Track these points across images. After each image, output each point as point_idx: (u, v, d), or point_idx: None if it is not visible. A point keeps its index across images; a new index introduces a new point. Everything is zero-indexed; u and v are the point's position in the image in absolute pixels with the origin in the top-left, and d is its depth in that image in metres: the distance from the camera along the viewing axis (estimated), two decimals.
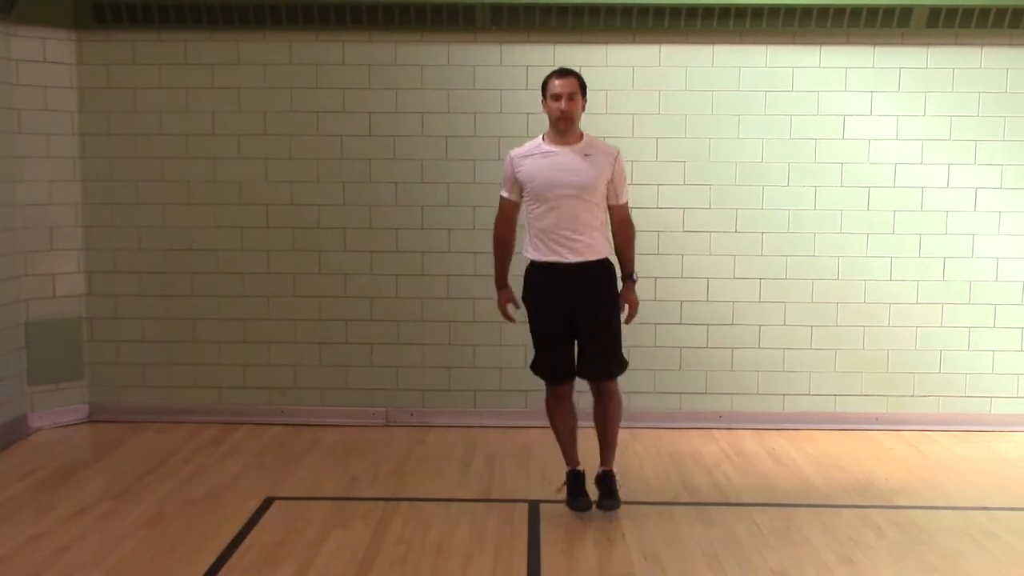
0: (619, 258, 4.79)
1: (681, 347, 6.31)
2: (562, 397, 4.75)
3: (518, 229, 4.75)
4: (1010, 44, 6.10)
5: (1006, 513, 4.81)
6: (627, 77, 6.17)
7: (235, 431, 6.15)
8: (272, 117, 6.24)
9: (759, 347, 6.30)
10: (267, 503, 4.86)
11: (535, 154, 4.60)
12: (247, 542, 4.37)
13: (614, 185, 4.64)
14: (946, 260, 6.24)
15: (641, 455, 5.73)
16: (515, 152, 4.67)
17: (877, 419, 6.31)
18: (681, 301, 6.29)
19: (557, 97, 4.51)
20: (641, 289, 6.15)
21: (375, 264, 6.30)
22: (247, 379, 6.38)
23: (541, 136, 4.68)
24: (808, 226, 6.23)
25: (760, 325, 6.29)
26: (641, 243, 6.14)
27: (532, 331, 4.73)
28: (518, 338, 5.60)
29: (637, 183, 6.17)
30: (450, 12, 6.03)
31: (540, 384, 4.79)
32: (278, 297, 6.33)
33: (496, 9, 6.01)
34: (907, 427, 6.26)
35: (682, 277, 6.27)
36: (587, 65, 6.11)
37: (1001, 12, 5.94)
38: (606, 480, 4.74)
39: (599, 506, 4.68)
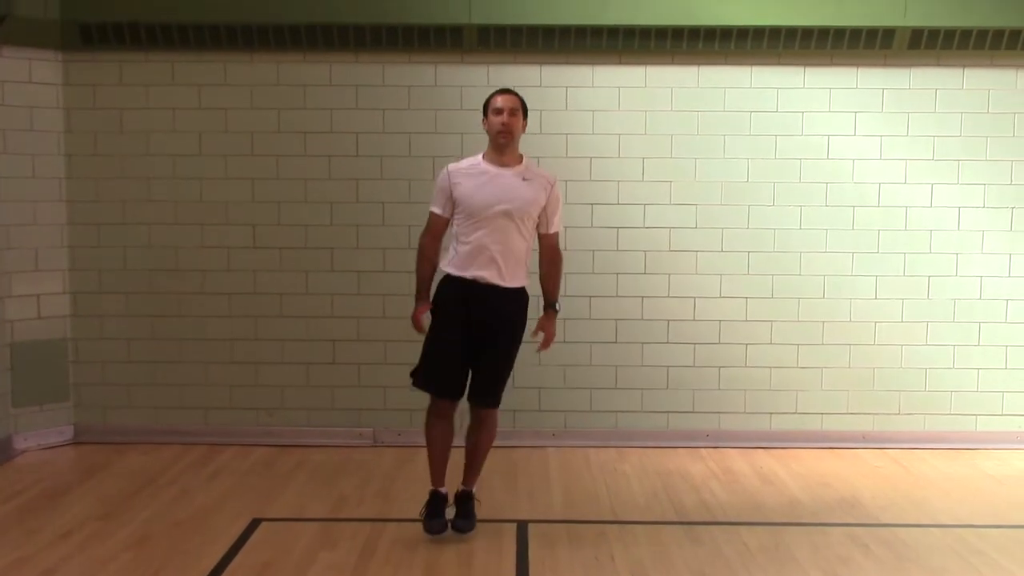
0: (544, 287, 4.72)
1: (668, 366, 6.33)
2: (444, 414, 4.66)
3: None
4: (991, 65, 6.17)
5: (993, 530, 4.83)
6: (613, 98, 6.21)
7: (222, 452, 6.12)
8: (259, 137, 6.25)
9: (746, 366, 6.33)
10: (254, 524, 4.84)
11: (473, 172, 4.56)
12: (234, 564, 4.34)
13: (547, 213, 4.60)
14: (930, 279, 6.28)
15: (629, 474, 5.73)
16: (452, 167, 4.62)
17: (863, 437, 6.33)
18: (668, 320, 6.30)
19: (499, 111, 4.50)
20: (629, 308, 6.26)
21: (362, 284, 6.30)
22: (234, 400, 6.36)
23: (480, 155, 4.63)
24: (793, 245, 6.27)
25: (747, 344, 6.32)
26: (628, 263, 6.23)
27: (430, 341, 4.61)
28: None
29: (624, 203, 6.23)
30: (437, 33, 6.07)
31: (530, 404, 4.79)
32: (265, 317, 6.32)
33: (483, 30, 6.04)
34: (893, 445, 6.29)
35: (669, 296, 6.29)
36: (573, 86, 6.19)
37: (982, 34, 6.01)
38: (465, 501, 4.70)
39: (454, 526, 4.61)
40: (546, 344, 4.76)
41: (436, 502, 4.70)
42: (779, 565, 4.37)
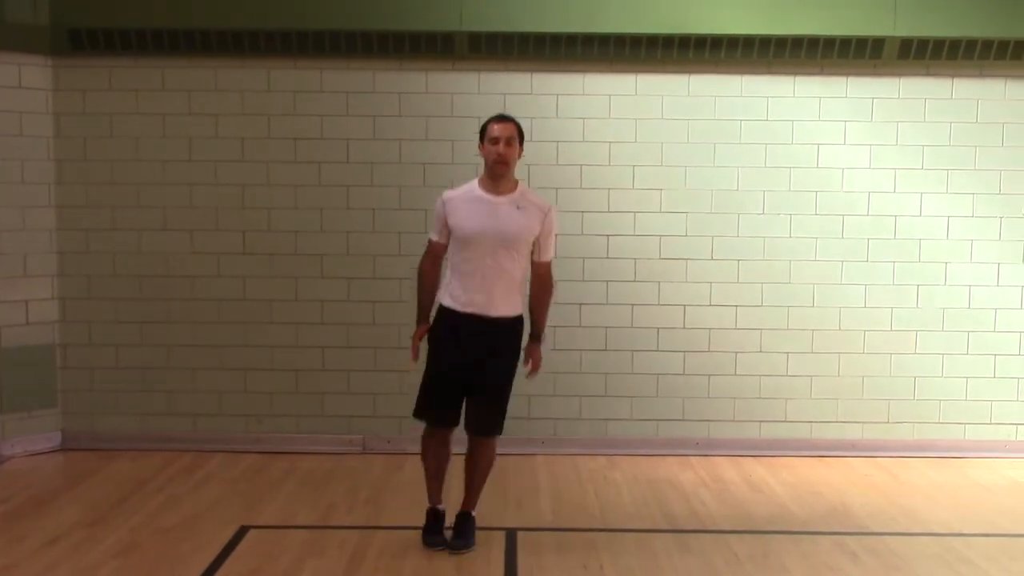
0: (532, 315, 4.70)
1: (658, 374, 6.33)
2: (441, 440, 4.68)
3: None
4: (980, 76, 6.20)
5: (981, 539, 4.84)
6: (604, 105, 6.22)
7: (210, 459, 6.09)
8: (249, 143, 6.24)
9: (735, 374, 6.33)
10: (242, 531, 4.82)
11: (468, 199, 4.53)
12: (222, 571, 4.32)
13: (540, 241, 4.57)
14: (919, 287, 6.30)
15: (619, 482, 5.73)
16: (448, 194, 4.60)
17: (853, 445, 6.33)
18: (658, 328, 6.31)
19: (495, 140, 4.46)
20: (619, 316, 6.26)
21: (352, 291, 6.29)
22: (223, 406, 6.33)
23: (476, 180, 4.61)
24: (783, 253, 6.28)
25: (736, 352, 6.32)
26: (618, 270, 6.23)
27: (426, 373, 4.63)
28: None
29: (614, 211, 6.23)
30: (428, 40, 6.07)
31: (519, 411, 4.78)
32: (255, 324, 6.30)
33: (474, 37, 6.05)
34: (882, 453, 6.30)
35: (659, 304, 6.30)
36: (564, 93, 6.19)
37: (971, 45, 6.04)
38: (465, 521, 4.68)
39: (450, 546, 4.58)
40: (534, 372, 4.73)
41: (434, 519, 4.71)
42: (768, 573, 4.37)
